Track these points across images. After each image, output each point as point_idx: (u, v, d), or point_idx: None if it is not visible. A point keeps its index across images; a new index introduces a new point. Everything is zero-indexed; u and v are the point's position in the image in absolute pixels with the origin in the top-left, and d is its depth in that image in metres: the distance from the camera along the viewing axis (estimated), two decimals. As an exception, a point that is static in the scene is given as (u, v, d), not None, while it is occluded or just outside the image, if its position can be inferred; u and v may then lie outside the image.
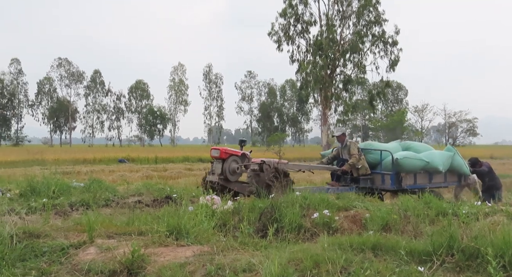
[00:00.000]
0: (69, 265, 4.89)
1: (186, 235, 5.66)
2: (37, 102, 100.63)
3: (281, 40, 45.50)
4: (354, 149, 11.79)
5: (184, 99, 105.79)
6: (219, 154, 10.04)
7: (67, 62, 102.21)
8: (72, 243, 5.38)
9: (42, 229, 5.77)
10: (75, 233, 5.89)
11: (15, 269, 4.77)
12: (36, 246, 5.27)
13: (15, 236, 5.38)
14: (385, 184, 11.64)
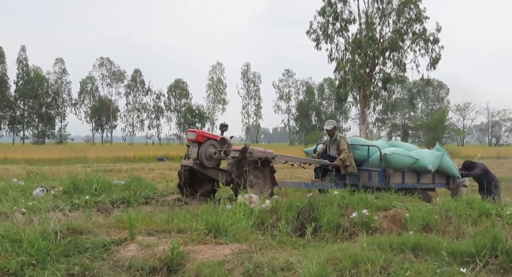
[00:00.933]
0: (110, 261, 4.99)
1: (224, 233, 5.70)
2: (80, 101, 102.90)
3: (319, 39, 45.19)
4: (344, 144, 11.19)
5: (222, 98, 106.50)
6: (195, 137, 9.35)
7: (108, 61, 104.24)
8: (113, 240, 5.48)
9: (85, 226, 5.90)
10: (116, 230, 6.00)
11: (60, 265, 4.90)
12: (79, 242, 5.40)
13: (59, 232, 5.51)
14: (372, 181, 11.00)
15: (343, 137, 11.43)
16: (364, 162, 11.40)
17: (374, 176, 11.03)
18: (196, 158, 9.24)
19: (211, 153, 9.32)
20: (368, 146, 11.44)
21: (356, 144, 11.73)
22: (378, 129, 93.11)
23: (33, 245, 5.16)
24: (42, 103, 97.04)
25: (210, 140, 9.40)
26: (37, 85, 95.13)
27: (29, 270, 4.86)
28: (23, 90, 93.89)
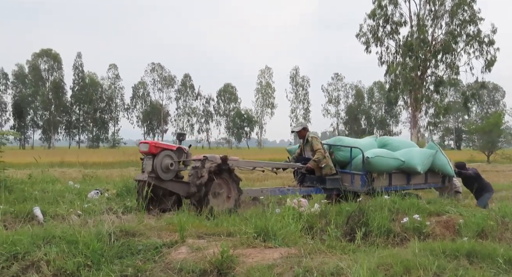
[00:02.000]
0: (162, 264, 5.08)
1: (273, 237, 5.71)
2: (132, 106, 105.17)
3: (369, 42, 44.72)
4: (318, 144, 10.36)
5: (270, 102, 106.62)
6: (148, 149, 8.62)
7: (159, 66, 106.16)
8: (165, 242, 5.58)
9: (137, 228, 6.03)
10: (168, 232, 6.11)
11: (114, 266, 5.03)
12: (132, 244, 5.52)
13: (113, 234, 5.66)
14: (355, 185, 10.24)
15: (314, 137, 10.61)
16: (348, 164, 10.64)
17: (356, 180, 10.24)
18: (151, 171, 8.52)
19: (167, 165, 8.60)
20: (351, 147, 10.60)
21: (339, 144, 10.88)
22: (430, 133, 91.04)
23: (88, 246, 5.32)
24: (97, 108, 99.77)
25: (165, 151, 8.70)
26: (91, 90, 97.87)
27: (85, 271, 5.01)
28: (78, 95, 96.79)
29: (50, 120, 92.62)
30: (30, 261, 5.27)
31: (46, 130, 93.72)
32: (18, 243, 5.53)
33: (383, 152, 10.40)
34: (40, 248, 5.43)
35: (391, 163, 10.26)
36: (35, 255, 5.32)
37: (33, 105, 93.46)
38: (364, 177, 10.05)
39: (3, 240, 5.67)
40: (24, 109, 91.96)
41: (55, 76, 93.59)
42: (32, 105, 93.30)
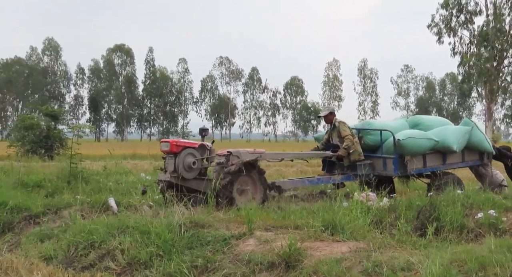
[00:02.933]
0: (231, 255, 5.16)
1: (341, 231, 5.66)
2: (200, 99, 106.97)
3: (441, 32, 43.37)
4: (346, 130, 9.83)
5: (338, 95, 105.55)
6: (169, 148, 8.39)
7: (227, 60, 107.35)
8: (233, 234, 5.65)
9: (206, 220, 6.16)
10: (236, 224, 6.19)
11: (184, 256, 5.16)
12: (202, 236, 5.64)
13: (183, 225, 5.80)
14: (387, 169, 9.77)
15: (342, 122, 10.06)
16: (379, 148, 10.08)
17: (389, 164, 9.75)
18: (173, 170, 8.32)
19: (190, 163, 8.33)
20: (381, 130, 10.01)
21: (368, 128, 10.37)
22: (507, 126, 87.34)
23: (160, 236, 5.48)
24: (167, 101, 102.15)
25: (187, 149, 8.42)
26: (162, 84, 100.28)
27: (157, 260, 5.18)
28: (149, 89, 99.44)
29: (123, 114, 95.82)
30: (106, 249, 5.50)
31: (119, 123, 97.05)
32: (94, 232, 5.78)
33: (415, 133, 9.91)
34: (115, 237, 5.65)
35: (424, 143, 9.76)
36: (110, 244, 5.55)
37: (107, 99, 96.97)
38: (396, 161, 9.62)
39: (81, 229, 5.95)
40: (99, 102, 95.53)
41: (127, 71, 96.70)
42: (106, 99, 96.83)
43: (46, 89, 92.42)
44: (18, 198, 8.44)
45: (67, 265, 5.36)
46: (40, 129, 24.10)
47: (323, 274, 4.47)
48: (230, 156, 8.37)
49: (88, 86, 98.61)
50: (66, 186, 9.90)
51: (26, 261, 5.15)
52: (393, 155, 9.63)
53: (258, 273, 4.75)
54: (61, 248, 5.73)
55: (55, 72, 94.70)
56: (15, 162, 14.12)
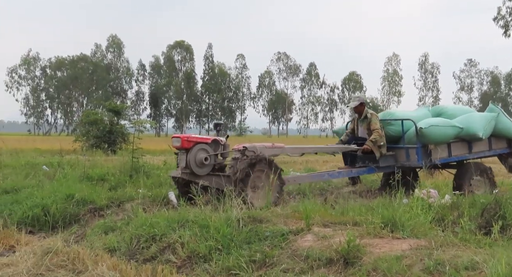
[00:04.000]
0: (289, 250, 5.16)
1: (401, 228, 5.55)
2: (258, 95, 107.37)
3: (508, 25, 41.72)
4: (376, 123, 9.46)
5: (397, 90, 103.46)
6: (180, 143, 8.23)
7: (285, 56, 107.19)
8: (291, 230, 5.65)
9: (264, 215, 6.18)
10: (293, 220, 6.18)
11: (242, 251, 5.21)
12: (260, 231, 5.67)
13: (241, 219, 5.85)
14: (411, 160, 9.45)
15: (374, 114, 9.68)
16: (401, 139, 9.76)
17: (412, 154, 9.43)
18: (185, 166, 8.17)
19: (201, 159, 8.18)
20: (402, 120, 9.68)
21: (389, 118, 9.94)
22: None
23: (219, 231, 5.55)
24: (225, 97, 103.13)
25: (198, 145, 8.27)
26: (220, 80, 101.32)
27: (216, 254, 5.24)
28: (208, 85, 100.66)
29: (182, 109, 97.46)
30: (167, 242, 5.62)
31: (179, 118, 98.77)
32: (155, 226, 5.92)
33: (438, 120, 9.54)
34: (175, 231, 5.77)
35: (448, 131, 9.41)
36: (171, 237, 5.67)
37: (167, 95, 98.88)
38: (420, 150, 9.31)
39: (143, 222, 6.11)
40: (159, 98, 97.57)
41: (187, 67, 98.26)
42: (166, 95, 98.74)
43: (109, 85, 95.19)
44: (83, 191, 8.77)
45: (130, 257, 5.53)
46: (104, 124, 24.84)
47: (382, 272, 4.41)
48: (245, 151, 8.14)
49: (149, 82, 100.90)
50: (128, 179, 10.19)
51: (92, 252, 5.33)
52: (416, 144, 9.37)
53: (316, 269, 4.73)
54: (124, 240, 5.91)
55: (118, 69, 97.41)
56: (80, 156, 14.62)
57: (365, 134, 9.63)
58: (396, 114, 10.12)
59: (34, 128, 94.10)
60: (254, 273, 4.87)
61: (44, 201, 8.23)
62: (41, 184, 9.91)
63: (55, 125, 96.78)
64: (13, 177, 11.12)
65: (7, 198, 8.95)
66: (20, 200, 8.65)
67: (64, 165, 12.97)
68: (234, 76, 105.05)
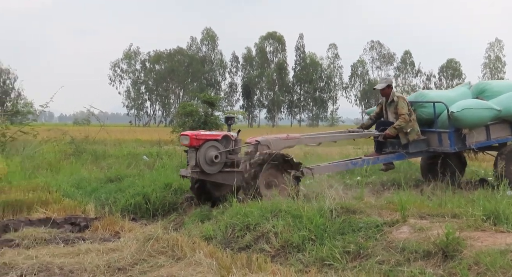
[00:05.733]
0: (383, 242, 5.07)
1: (505, 221, 5.27)
2: (350, 85, 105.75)
3: None
4: (403, 107, 8.88)
5: (500, 77, 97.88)
6: (189, 141, 7.84)
7: (379, 44, 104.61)
8: (385, 221, 5.55)
9: (357, 206, 6.11)
10: (388, 211, 6.06)
11: (336, 242, 5.18)
12: (353, 221, 5.61)
13: (334, 210, 5.82)
14: (443, 145, 8.85)
15: (401, 97, 9.13)
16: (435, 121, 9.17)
17: (444, 139, 8.88)
18: (195, 165, 7.79)
19: (211, 157, 7.74)
20: (433, 103, 9.09)
21: (421, 100, 9.41)
22: None
23: (311, 221, 5.56)
24: (316, 87, 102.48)
25: (208, 142, 7.84)
26: (312, 70, 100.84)
27: (309, 244, 5.26)
28: (300, 75, 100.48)
29: (274, 100, 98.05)
30: (260, 232, 5.70)
31: (271, 109, 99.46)
32: (249, 215, 6.02)
33: (472, 103, 8.95)
34: (268, 221, 5.84)
35: (484, 114, 8.83)
36: (264, 226, 5.74)
37: (259, 86, 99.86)
38: (452, 135, 8.82)
39: (237, 211, 6.24)
40: (251, 89, 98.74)
41: (279, 58, 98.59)
42: (258, 86, 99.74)
43: (204, 77, 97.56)
44: (180, 180, 9.08)
45: (225, 245, 5.66)
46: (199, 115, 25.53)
47: (485, 266, 4.20)
48: (258, 145, 7.86)
49: (242, 73, 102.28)
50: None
51: (189, 240, 5.51)
52: (449, 129, 8.89)
53: (413, 262, 4.61)
54: (219, 229, 6.06)
55: (212, 61, 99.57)
56: (177, 147, 15.13)
57: (394, 119, 9.13)
58: (429, 95, 9.62)
59: (135, 119, 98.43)
60: (348, 264, 4.83)
61: (144, 189, 8.63)
62: (141, 173, 10.39)
63: (154, 116, 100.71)
64: (117, 167, 11.76)
65: (112, 187, 9.49)
66: (123, 188, 9.14)
67: (162, 155, 13.54)
68: (326, 66, 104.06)
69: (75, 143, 14.97)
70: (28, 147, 14.02)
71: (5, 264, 4.87)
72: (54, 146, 14.42)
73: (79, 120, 19.96)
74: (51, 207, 8.03)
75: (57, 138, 15.31)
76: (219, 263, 4.83)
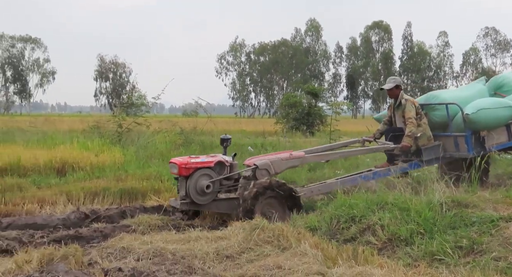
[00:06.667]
0: (500, 238, 4.81)
1: None
2: (461, 73, 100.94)
3: None
4: (411, 111, 8.06)
5: None
6: (177, 171, 7.03)
7: (494, 31, 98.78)
8: (501, 216, 5.27)
9: (470, 199, 5.86)
10: (504, 205, 5.83)
11: (447, 236, 4.99)
12: (465, 216, 5.38)
13: (444, 204, 5.61)
14: (460, 150, 8.16)
15: (410, 100, 8.29)
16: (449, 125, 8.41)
17: (461, 143, 8.18)
18: (185, 195, 6.99)
19: (203, 187, 6.92)
20: (446, 104, 8.27)
21: (433, 102, 8.57)
22: None
23: (420, 214, 5.40)
24: (424, 77, 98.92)
25: (199, 170, 7.00)
26: (420, 59, 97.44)
27: (418, 238, 5.11)
28: (406, 65, 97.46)
29: (379, 90, 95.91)
30: (366, 224, 5.61)
31: (376, 100, 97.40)
32: (354, 207, 5.95)
33: (489, 102, 8.18)
34: (374, 213, 5.74)
35: (502, 113, 8.07)
36: (370, 219, 5.65)
37: (363, 76, 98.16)
38: (469, 138, 8.12)
39: (342, 203, 6.19)
40: (356, 80, 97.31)
41: (384, 47, 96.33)
42: (363, 76, 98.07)
43: (307, 68, 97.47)
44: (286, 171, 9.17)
45: (330, 236, 5.63)
46: (302, 106, 25.62)
47: None
48: (256, 170, 7.12)
49: (346, 64, 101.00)
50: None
51: (294, 230, 5.54)
52: (465, 132, 8.19)
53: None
54: (324, 220, 6.03)
55: (315, 52, 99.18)
56: (281, 138, 15.30)
57: (401, 123, 8.37)
58: (441, 96, 8.76)
59: (240, 111, 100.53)
60: (461, 260, 4.63)
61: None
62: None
63: (258, 107, 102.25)
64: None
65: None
66: (229, 178, 9.37)
67: (267, 146, 13.74)
68: (435, 54, 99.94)
69: (184, 134, 15.57)
70: (141, 137, 14.78)
71: (124, 248, 5.17)
72: (165, 137, 15.08)
73: (188, 111, 20.71)
74: (163, 195, 8.50)
75: (168, 129, 16.01)
76: (325, 254, 4.82)
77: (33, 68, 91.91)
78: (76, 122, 22.32)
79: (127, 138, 14.89)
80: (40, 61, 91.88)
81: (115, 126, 15.29)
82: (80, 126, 18.84)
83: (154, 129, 16.23)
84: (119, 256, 5.01)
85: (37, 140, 14.19)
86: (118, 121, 15.49)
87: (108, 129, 15.55)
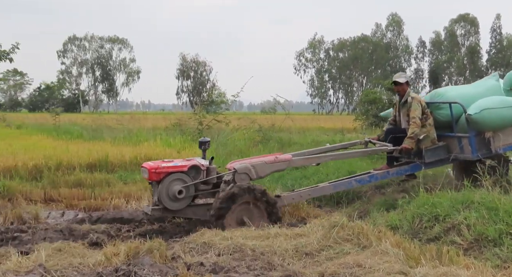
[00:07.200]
0: None
1: None
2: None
3: None
4: (416, 109, 7.55)
5: None
6: (148, 175, 6.64)
7: None
8: None
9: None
10: None
11: None
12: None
13: None
14: (465, 151, 7.62)
15: (416, 97, 7.74)
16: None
17: (465, 144, 7.65)
18: (158, 200, 6.60)
19: (175, 192, 6.51)
20: (450, 103, 7.72)
21: (436, 101, 8.00)
22: None
23: (510, 214, 5.19)
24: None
25: (172, 175, 6.59)
26: (510, 53, 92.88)
27: (507, 239, 4.89)
28: (494, 59, 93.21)
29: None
30: (451, 223, 5.43)
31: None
32: (438, 206, 5.77)
33: (494, 101, 7.60)
34: (459, 212, 5.54)
35: (509, 113, 7.53)
36: (455, 218, 5.46)
37: (447, 71, 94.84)
38: (473, 140, 7.58)
39: (424, 201, 6.01)
40: (439, 75, 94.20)
41: (470, 41, 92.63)
42: (447, 71, 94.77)
43: (388, 64, 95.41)
44: (363, 168, 9.05)
45: (412, 235, 5.49)
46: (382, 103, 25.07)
47: None
48: (235, 174, 6.73)
49: (429, 59, 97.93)
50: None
51: (375, 228, 5.44)
52: (469, 133, 7.65)
53: None
54: (406, 218, 5.89)
55: (397, 47, 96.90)
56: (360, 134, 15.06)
57: (405, 122, 7.86)
58: (446, 94, 8.12)
59: (318, 107, 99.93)
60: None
61: (328, 177, 8.75)
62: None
63: (337, 104, 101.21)
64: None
65: (297, 174, 9.80)
66: (308, 175, 9.41)
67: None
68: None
69: (262, 131, 15.69)
70: (221, 134, 15.03)
71: (205, 243, 5.30)
72: (244, 134, 15.28)
73: (266, 109, 20.85)
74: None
75: (247, 126, 16.20)
76: (407, 254, 4.71)
77: (120, 68, 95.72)
78: (159, 120, 23.10)
79: (207, 135, 15.20)
80: (126, 60, 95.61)
81: (195, 123, 15.67)
82: (163, 124, 19.49)
83: (233, 126, 16.48)
84: (200, 251, 5.14)
85: (123, 137, 14.81)
86: (199, 118, 15.85)
87: (189, 126, 15.96)
